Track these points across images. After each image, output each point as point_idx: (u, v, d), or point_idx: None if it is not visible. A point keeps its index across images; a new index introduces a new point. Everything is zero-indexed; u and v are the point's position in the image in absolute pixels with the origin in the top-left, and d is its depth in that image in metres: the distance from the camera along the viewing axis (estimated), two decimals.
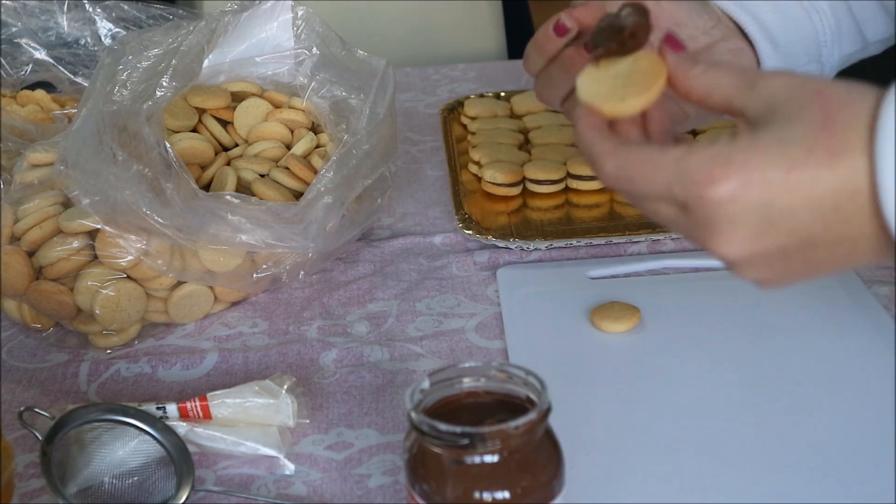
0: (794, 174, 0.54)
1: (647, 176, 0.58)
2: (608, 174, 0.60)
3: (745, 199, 0.55)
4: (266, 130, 1.04)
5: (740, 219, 0.55)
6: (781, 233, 0.55)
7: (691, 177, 0.56)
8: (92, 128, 0.88)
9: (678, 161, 0.56)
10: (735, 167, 0.55)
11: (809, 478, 0.74)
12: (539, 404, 0.62)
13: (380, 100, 1.00)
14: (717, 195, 0.55)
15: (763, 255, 0.57)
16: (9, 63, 1.15)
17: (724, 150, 0.55)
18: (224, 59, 1.08)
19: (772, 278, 0.59)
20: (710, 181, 0.55)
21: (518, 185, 1.14)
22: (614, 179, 0.60)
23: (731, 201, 0.55)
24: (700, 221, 0.57)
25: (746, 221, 0.55)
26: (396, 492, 0.77)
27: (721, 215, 0.55)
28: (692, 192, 0.56)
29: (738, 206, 0.55)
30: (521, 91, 1.37)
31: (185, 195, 0.88)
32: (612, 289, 0.98)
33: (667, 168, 0.57)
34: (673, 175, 0.56)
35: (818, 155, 0.54)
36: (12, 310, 0.94)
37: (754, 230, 0.55)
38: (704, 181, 0.55)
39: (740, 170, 0.54)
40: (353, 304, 1.00)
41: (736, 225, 0.55)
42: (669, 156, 0.57)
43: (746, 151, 0.55)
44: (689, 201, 0.56)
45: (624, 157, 0.59)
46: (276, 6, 1.06)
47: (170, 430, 0.77)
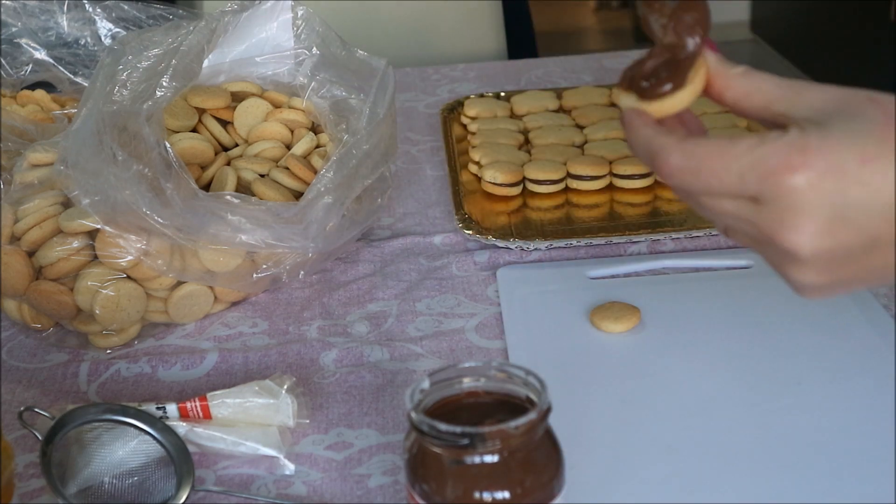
0: (868, 165, 0.54)
1: (716, 167, 0.57)
2: (672, 167, 0.58)
3: (822, 187, 0.54)
4: (266, 130, 1.04)
5: (815, 209, 0.55)
6: (851, 229, 0.55)
7: (767, 165, 0.55)
8: (92, 128, 0.88)
9: (752, 150, 0.56)
10: (812, 155, 0.54)
11: (809, 478, 0.74)
12: (539, 404, 0.62)
13: (380, 100, 1.00)
14: (796, 182, 0.54)
15: (829, 253, 0.56)
16: (9, 63, 1.15)
17: (799, 139, 0.55)
18: (224, 59, 1.08)
19: (825, 284, 0.58)
20: (789, 168, 0.54)
21: (518, 185, 1.14)
22: (678, 173, 0.58)
23: (809, 189, 0.54)
24: (773, 212, 0.56)
25: (821, 213, 0.55)
26: (396, 492, 0.77)
27: (797, 204, 0.55)
28: (769, 180, 0.55)
29: (815, 195, 0.54)
30: (521, 91, 1.37)
31: (185, 195, 0.88)
32: (612, 289, 0.98)
33: (740, 158, 0.56)
34: (747, 164, 0.56)
35: (887, 150, 0.54)
36: (12, 310, 0.94)
37: (827, 223, 0.55)
38: (782, 168, 0.54)
39: (818, 158, 0.54)
40: (353, 304, 1.00)
41: (811, 215, 0.55)
42: (742, 145, 0.56)
43: (821, 141, 0.55)
44: (765, 190, 0.55)
45: (690, 149, 0.58)
46: (276, 6, 1.06)
47: (170, 430, 0.77)
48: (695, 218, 1.08)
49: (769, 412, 0.81)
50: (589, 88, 1.34)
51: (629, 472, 0.76)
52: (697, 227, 1.05)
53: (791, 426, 0.79)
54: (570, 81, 1.48)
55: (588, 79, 1.47)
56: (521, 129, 1.27)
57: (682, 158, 0.58)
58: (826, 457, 0.76)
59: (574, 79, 1.48)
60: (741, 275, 0.99)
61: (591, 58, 1.56)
